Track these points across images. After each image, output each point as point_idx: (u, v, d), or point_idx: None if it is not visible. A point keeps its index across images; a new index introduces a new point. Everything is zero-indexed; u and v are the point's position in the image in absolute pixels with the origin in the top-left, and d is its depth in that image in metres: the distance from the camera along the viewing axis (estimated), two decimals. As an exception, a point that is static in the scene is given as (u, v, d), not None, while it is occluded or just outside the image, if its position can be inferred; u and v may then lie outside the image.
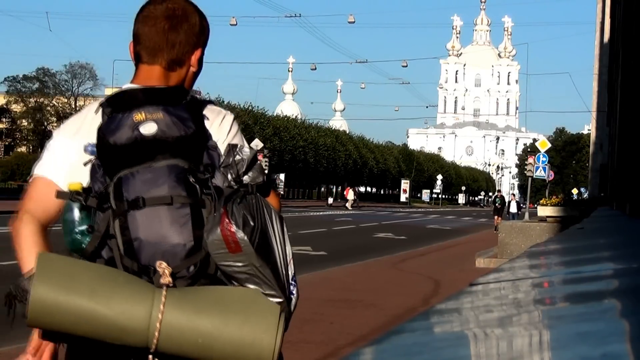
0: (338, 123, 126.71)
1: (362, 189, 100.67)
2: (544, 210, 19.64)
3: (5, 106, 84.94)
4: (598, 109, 32.98)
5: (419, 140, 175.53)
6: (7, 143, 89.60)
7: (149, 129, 1.91)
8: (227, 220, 1.83)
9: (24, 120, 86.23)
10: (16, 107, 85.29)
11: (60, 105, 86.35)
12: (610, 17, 23.16)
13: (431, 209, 78.90)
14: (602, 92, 30.83)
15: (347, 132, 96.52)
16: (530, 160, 34.17)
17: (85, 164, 1.95)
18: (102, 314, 1.78)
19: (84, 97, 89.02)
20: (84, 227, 1.90)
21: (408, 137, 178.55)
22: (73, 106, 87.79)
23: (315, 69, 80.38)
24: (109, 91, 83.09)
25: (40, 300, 1.81)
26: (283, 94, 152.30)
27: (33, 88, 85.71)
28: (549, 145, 36.21)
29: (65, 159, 2.00)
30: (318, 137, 77.82)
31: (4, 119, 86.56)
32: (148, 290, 1.81)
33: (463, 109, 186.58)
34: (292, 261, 1.94)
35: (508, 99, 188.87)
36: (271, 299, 1.87)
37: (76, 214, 1.90)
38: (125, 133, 1.91)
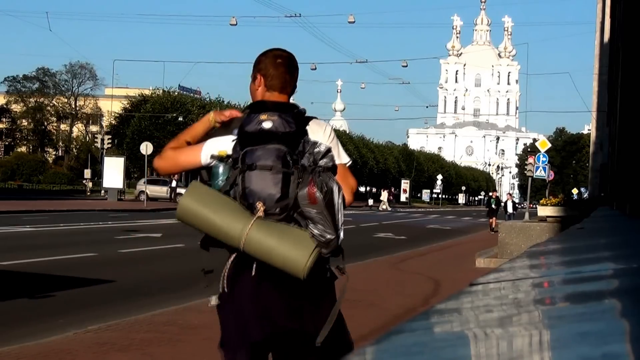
0: (338, 123, 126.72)
1: (362, 188, 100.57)
2: (544, 210, 19.64)
3: (5, 106, 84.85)
4: (598, 109, 32.97)
5: (419, 140, 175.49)
6: (7, 143, 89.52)
7: (267, 124, 3.14)
8: (312, 184, 3.08)
9: (24, 120, 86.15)
10: (16, 107, 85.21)
11: (60, 105, 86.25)
12: (610, 17, 23.16)
13: (431, 209, 78.91)
14: (602, 92, 30.82)
15: (347, 132, 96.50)
16: (530, 160, 34.20)
17: (232, 141, 3.18)
18: (217, 222, 3.08)
19: (84, 97, 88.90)
20: (224, 177, 3.17)
21: (408, 137, 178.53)
22: (73, 106, 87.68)
23: (315, 69, 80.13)
24: (109, 91, 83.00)
25: (184, 206, 3.13)
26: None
27: (33, 88, 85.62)
28: (549, 145, 36.20)
29: (215, 140, 3.28)
30: (318, 137, 77.77)
31: (4, 119, 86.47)
32: (246, 216, 3.08)
33: (463, 109, 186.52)
34: (342, 212, 3.13)
35: (508, 99, 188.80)
36: (327, 235, 3.09)
37: (220, 169, 3.18)
38: (253, 126, 3.15)
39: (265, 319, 3.13)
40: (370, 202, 74.73)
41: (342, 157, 3.31)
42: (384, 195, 69.60)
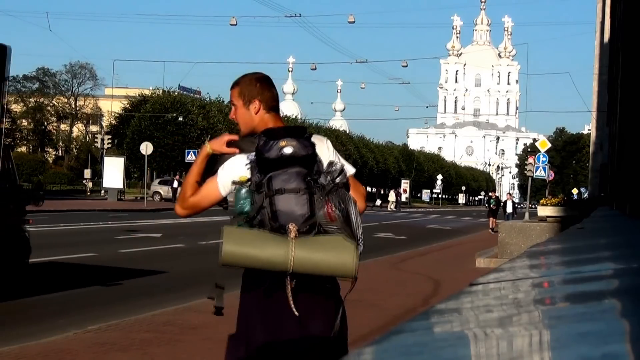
0: (338, 123, 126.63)
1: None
2: (544, 210, 19.63)
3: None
4: (598, 109, 32.95)
5: (419, 140, 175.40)
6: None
7: (288, 150, 3.33)
8: (329, 204, 3.31)
9: (24, 120, 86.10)
10: (16, 107, 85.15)
11: (60, 105, 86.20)
12: (610, 17, 23.15)
13: (431, 209, 78.90)
14: (602, 92, 30.80)
15: (347, 132, 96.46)
16: (530, 160, 34.18)
17: (246, 165, 3.40)
18: (261, 257, 3.26)
19: (84, 97, 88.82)
20: (245, 200, 3.35)
21: (408, 137, 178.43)
22: (73, 106, 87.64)
23: (315, 69, 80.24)
24: (109, 91, 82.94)
25: (229, 252, 3.28)
26: (283, 94, 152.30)
27: (33, 88, 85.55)
28: (549, 145, 36.18)
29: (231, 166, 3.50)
30: (318, 137, 77.70)
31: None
32: (284, 240, 3.26)
33: (463, 109, 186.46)
34: (361, 226, 3.37)
35: (508, 99, 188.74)
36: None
37: (243, 193, 3.37)
38: (274, 152, 3.32)
39: (304, 327, 3.37)
40: (378, 202, 75.05)
41: (348, 169, 3.50)
42: (392, 196, 69.97)
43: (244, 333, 3.42)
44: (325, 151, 3.52)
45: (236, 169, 3.45)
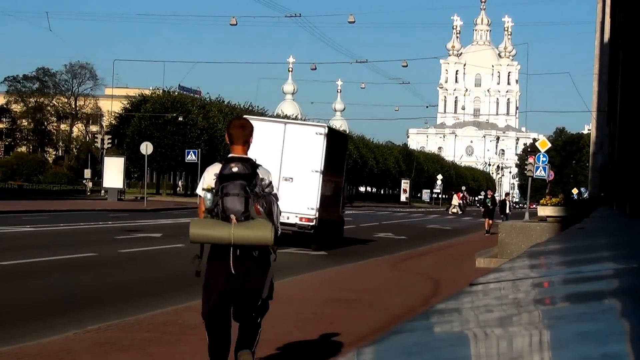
0: (338, 123, 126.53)
1: (361, 188, 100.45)
2: (544, 210, 19.62)
3: (5, 106, 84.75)
4: (598, 109, 32.94)
5: (419, 140, 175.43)
6: (7, 143, 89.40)
7: (235, 169, 5.46)
8: (256, 204, 5.42)
9: (24, 120, 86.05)
10: (16, 107, 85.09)
11: (60, 105, 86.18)
12: (610, 17, 23.15)
13: (431, 209, 78.87)
14: (602, 92, 30.80)
15: (347, 132, 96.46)
16: (530, 160, 34.20)
17: (214, 179, 5.49)
18: (214, 234, 5.38)
19: (84, 97, 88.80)
20: (210, 200, 5.46)
21: (408, 137, 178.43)
22: (73, 106, 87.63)
23: (315, 69, 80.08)
24: (109, 91, 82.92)
25: (193, 232, 5.43)
26: (283, 93, 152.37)
27: (33, 88, 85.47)
28: (549, 145, 36.19)
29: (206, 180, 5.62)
30: (318, 137, 77.65)
31: (4, 119, 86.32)
32: (227, 225, 5.38)
33: (463, 109, 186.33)
34: (280, 216, 5.55)
35: (508, 99, 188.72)
36: None
37: (208, 196, 5.48)
38: (227, 170, 5.46)
39: (234, 278, 5.45)
40: (456, 205, 74.85)
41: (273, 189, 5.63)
42: (455, 199, 69.68)
43: (210, 286, 5.53)
44: (267, 175, 5.55)
45: (207, 180, 5.54)
